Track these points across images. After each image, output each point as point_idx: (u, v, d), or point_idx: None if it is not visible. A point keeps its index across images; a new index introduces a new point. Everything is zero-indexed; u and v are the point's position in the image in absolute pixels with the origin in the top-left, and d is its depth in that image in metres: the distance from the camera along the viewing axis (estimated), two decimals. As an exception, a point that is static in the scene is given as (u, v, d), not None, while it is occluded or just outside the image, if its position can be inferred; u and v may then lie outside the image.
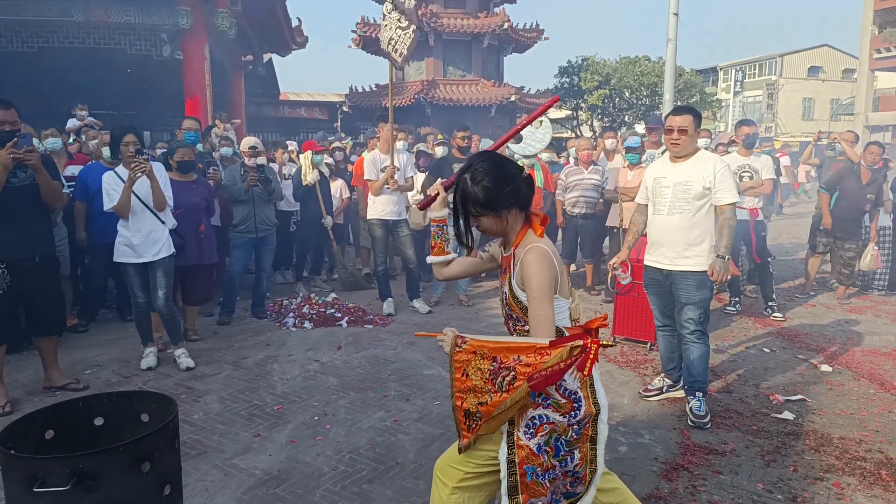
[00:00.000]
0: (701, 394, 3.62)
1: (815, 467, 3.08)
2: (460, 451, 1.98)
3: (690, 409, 3.61)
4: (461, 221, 2.01)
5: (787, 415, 3.69)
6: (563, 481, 1.95)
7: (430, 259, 2.26)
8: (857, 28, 31.40)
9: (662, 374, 4.03)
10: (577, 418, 1.91)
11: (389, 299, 6.02)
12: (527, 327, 1.97)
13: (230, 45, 11.41)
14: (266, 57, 15.48)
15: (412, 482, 2.96)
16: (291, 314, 5.72)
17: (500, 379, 1.83)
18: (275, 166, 6.89)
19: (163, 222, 4.33)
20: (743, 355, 4.82)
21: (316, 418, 3.63)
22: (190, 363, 4.42)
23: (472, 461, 2.01)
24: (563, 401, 1.89)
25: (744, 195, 5.98)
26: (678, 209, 3.62)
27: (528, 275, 1.90)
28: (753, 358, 4.75)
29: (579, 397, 1.91)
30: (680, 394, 3.92)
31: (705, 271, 3.55)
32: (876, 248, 6.41)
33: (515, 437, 1.89)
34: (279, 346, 4.97)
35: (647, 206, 3.86)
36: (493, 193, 1.93)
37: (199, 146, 6.31)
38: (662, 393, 3.96)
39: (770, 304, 5.95)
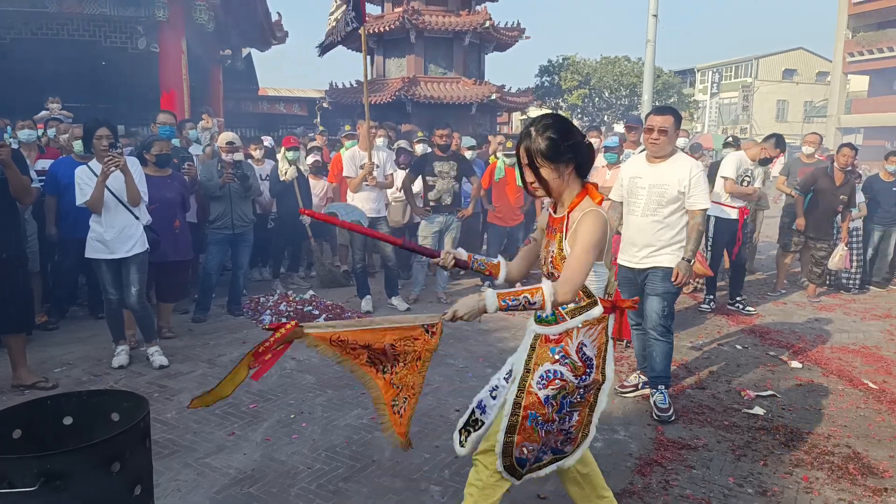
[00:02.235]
0: (664, 387, 3.69)
1: (785, 462, 3.15)
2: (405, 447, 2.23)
3: (654, 402, 3.68)
4: (523, 173, 2.09)
5: (758, 410, 3.77)
6: (556, 437, 2.14)
7: (497, 283, 2.31)
8: (832, 31, 32.08)
9: (638, 371, 4.08)
10: (586, 383, 2.09)
11: (368, 297, 6.00)
12: None
13: (208, 39, 11.23)
14: (245, 51, 15.30)
15: (388, 480, 2.96)
16: (268, 311, 5.68)
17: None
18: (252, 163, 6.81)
19: (137, 218, 4.26)
20: (716, 352, 4.90)
21: (292, 416, 3.61)
22: (163, 361, 4.36)
23: None
24: (579, 363, 2.07)
25: (733, 197, 6.06)
26: (652, 212, 3.65)
27: (584, 231, 1.98)
28: (726, 355, 4.83)
29: (593, 364, 2.10)
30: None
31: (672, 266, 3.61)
32: (846, 248, 6.55)
33: (528, 383, 2.08)
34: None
35: (621, 203, 3.88)
36: (556, 144, 2.00)
37: (176, 141, 6.22)
38: (638, 389, 4.01)
39: (740, 299, 6.07)
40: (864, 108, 31.64)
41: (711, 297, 6.20)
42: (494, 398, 2.24)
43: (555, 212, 2.17)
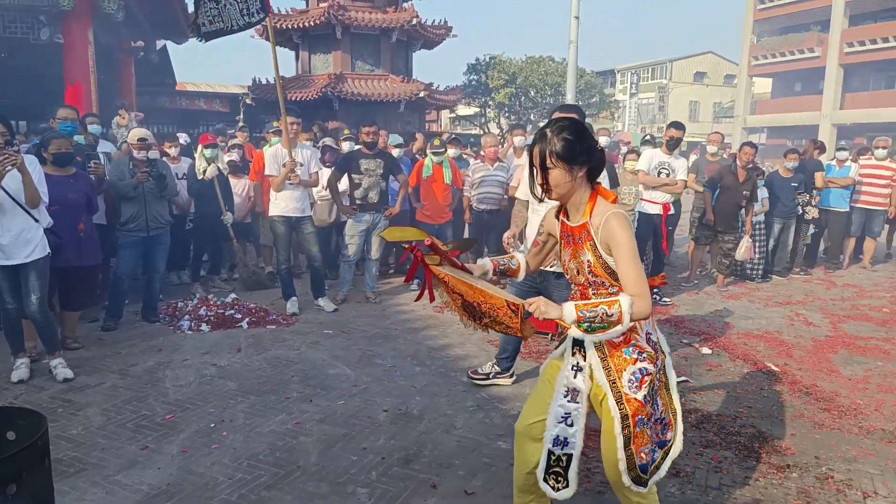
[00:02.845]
0: None
1: (696, 443, 3.31)
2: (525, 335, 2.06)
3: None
4: (534, 173, 2.07)
5: (674, 397, 3.95)
6: (655, 430, 2.14)
7: (517, 281, 2.32)
8: (739, 36, 34.12)
9: (493, 362, 4.16)
10: (659, 366, 2.13)
11: (293, 298, 5.85)
12: (612, 290, 2.06)
13: (118, 29, 10.63)
14: (160, 44, 14.58)
15: (314, 485, 2.89)
16: (187, 317, 5.42)
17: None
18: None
19: (36, 220, 3.96)
20: (636, 343, 5.09)
21: (212, 425, 3.47)
22: (68, 374, 4.07)
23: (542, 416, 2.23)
24: (652, 351, 2.10)
25: (657, 191, 6.39)
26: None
27: (619, 238, 1.96)
28: (645, 345, 5.04)
29: (657, 345, 2.14)
30: (506, 381, 4.09)
31: None
32: (750, 240, 7.00)
33: (623, 393, 2.06)
34: (172, 352, 4.70)
35: (527, 201, 3.90)
36: (571, 145, 1.99)
37: (80, 138, 5.84)
38: (489, 379, 4.09)
39: (654, 291, 6.37)
40: (767, 109, 33.90)
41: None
42: (571, 424, 2.18)
43: (567, 218, 2.14)
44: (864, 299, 6.69)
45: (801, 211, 7.68)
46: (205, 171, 6.17)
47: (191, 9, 12.94)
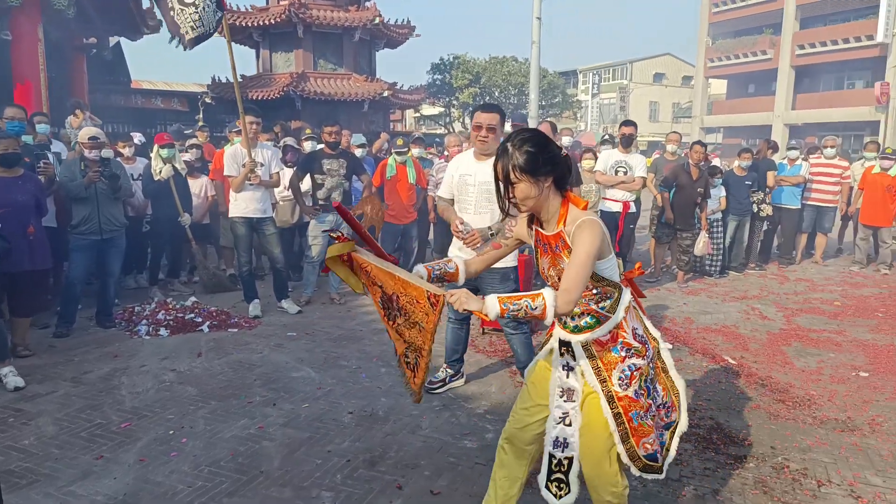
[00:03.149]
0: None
1: (659, 439, 3.38)
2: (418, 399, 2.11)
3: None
4: (501, 188, 2.06)
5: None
6: (659, 415, 2.21)
7: (458, 285, 2.25)
8: (695, 39, 35.00)
9: (445, 366, 4.08)
10: (651, 356, 2.18)
11: (256, 301, 5.75)
12: (595, 291, 2.10)
13: (69, 26, 10.23)
14: (113, 40, 14.12)
15: (277, 490, 2.84)
16: (144, 321, 5.27)
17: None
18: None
19: (-19, 224, 3.79)
20: (599, 340, 5.17)
21: (171, 433, 3.37)
22: (19, 382, 3.91)
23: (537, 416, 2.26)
24: (639, 346, 2.14)
25: (616, 189, 6.51)
26: (483, 209, 3.68)
27: (579, 242, 1.96)
28: (608, 341, 5.11)
29: (644, 338, 2.18)
30: (460, 383, 4.08)
31: (509, 267, 3.72)
32: (707, 235, 7.19)
33: (613, 392, 2.10)
34: (129, 358, 4.56)
35: (451, 199, 3.86)
36: (533, 157, 1.99)
37: (28, 138, 5.62)
38: (445, 384, 4.03)
39: None
40: (723, 110, 34.86)
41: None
42: (570, 424, 2.19)
43: (542, 227, 2.14)
44: (816, 293, 6.94)
45: (755, 209, 7.91)
46: (161, 172, 6.00)
47: (145, 4, 12.61)
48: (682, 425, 2.27)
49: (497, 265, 3.56)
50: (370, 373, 4.32)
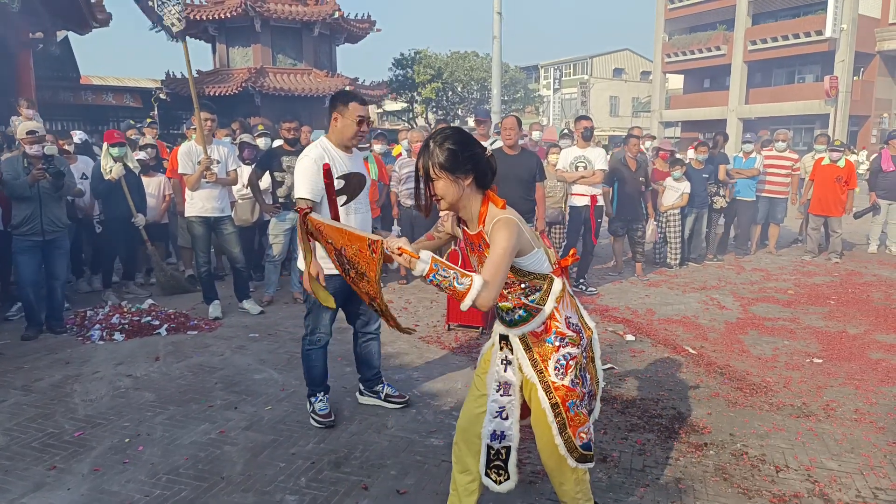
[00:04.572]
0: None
1: (622, 428, 3.42)
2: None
3: (386, 396, 3.72)
4: (421, 185, 2.06)
5: (600, 384, 4.06)
6: (587, 403, 2.25)
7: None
8: (652, 35, 35.64)
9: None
10: (584, 345, 2.21)
11: (216, 302, 5.61)
12: (524, 285, 2.13)
13: (14, 20, 9.79)
14: (61, 35, 13.58)
15: (239, 496, 2.77)
16: (98, 326, 5.09)
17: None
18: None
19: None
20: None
21: (126, 440, 3.26)
22: (-37, 393, 3.73)
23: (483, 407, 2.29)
24: (573, 334, 2.16)
25: (579, 184, 6.58)
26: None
27: (496, 240, 1.97)
28: (572, 334, 5.17)
29: (579, 327, 2.20)
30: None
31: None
32: (654, 222, 7.38)
33: (549, 382, 2.13)
34: (81, 364, 4.39)
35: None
36: (453, 155, 1.99)
37: (-31, 136, 5.35)
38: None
39: (581, 281, 6.57)
40: (680, 104, 35.60)
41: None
42: (506, 417, 2.25)
43: (469, 227, 2.15)
44: (771, 282, 7.15)
45: (709, 201, 8.11)
46: (111, 171, 5.79)
47: (94, -3, 12.12)
48: (596, 413, 2.38)
49: None
50: (335, 372, 4.25)
